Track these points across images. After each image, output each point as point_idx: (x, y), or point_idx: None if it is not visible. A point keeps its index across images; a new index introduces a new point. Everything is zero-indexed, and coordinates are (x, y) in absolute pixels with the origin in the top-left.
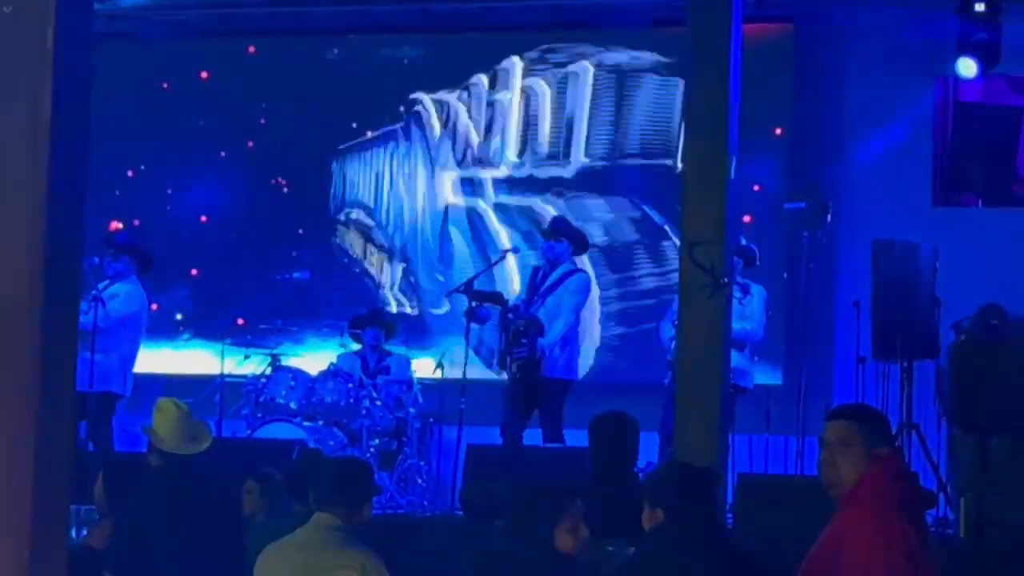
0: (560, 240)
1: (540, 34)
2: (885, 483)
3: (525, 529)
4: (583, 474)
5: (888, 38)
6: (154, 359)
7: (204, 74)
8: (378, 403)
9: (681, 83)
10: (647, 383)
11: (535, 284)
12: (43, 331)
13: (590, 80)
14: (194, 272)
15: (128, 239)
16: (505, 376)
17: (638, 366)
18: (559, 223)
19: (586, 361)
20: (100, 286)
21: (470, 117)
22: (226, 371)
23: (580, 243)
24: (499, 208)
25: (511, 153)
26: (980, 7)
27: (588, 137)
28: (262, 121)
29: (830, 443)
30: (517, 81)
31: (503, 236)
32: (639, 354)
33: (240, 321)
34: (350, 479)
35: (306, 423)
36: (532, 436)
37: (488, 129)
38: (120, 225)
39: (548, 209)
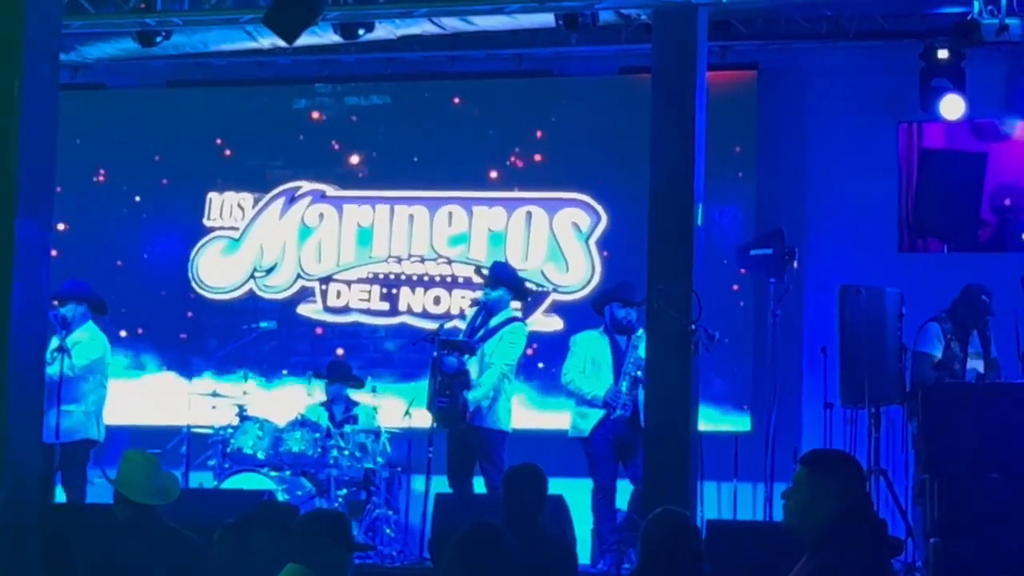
0: (498, 287)
1: (505, 82)
2: (852, 529)
3: (470, 567)
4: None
5: (852, 85)
6: (121, 410)
7: (169, 124)
8: (346, 453)
9: None
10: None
11: (474, 327)
12: (11, 382)
13: None
14: (162, 323)
15: (71, 286)
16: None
17: None
18: (499, 269)
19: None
20: (61, 333)
21: None
22: (193, 421)
23: (519, 290)
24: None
25: None
26: (943, 54)
27: None
28: (229, 169)
29: (794, 488)
30: None
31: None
32: None
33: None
34: (315, 528)
35: (273, 473)
36: None
37: None
38: None
39: None
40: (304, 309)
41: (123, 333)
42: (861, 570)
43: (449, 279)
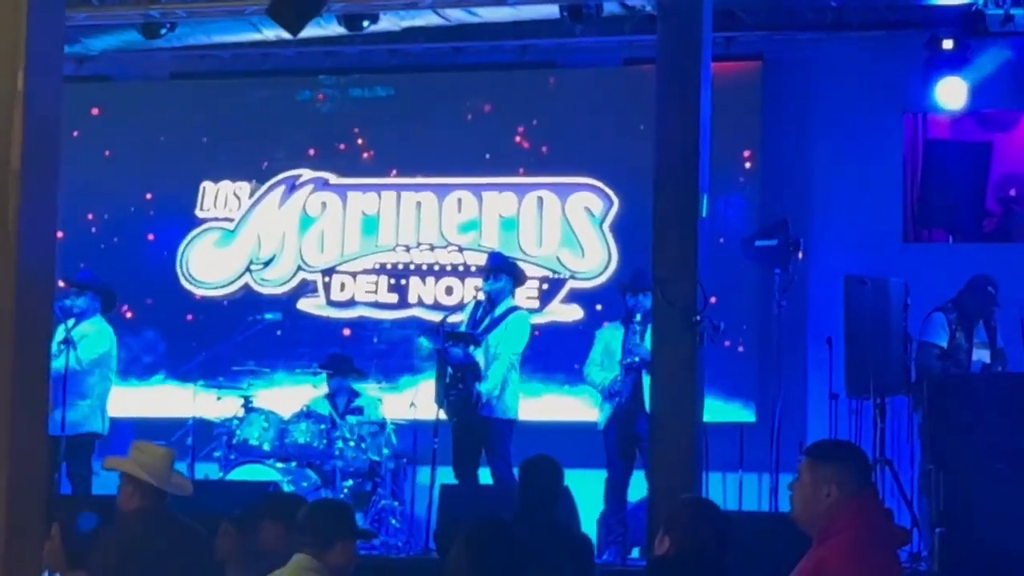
0: (499, 278)
1: (509, 74)
2: (858, 520)
3: (477, 561)
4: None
5: (857, 76)
6: (125, 402)
7: (173, 116)
8: (351, 444)
9: None
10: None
11: (476, 319)
12: (15, 373)
13: None
14: (166, 313)
15: (89, 276)
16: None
17: None
18: (497, 260)
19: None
20: (68, 324)
21: None
22: (198, 413)
23: (519, 277)
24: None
25: None
26: (948, 44)
27: None
28: (230, 160)
29: (799, 479)
30: None
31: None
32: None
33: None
34: (319, 517)
35: (279, 464)
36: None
37: None
38: None
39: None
40: (305, 304)
41: (128, 314)
42: (864, 563)
43: (461, 267)
